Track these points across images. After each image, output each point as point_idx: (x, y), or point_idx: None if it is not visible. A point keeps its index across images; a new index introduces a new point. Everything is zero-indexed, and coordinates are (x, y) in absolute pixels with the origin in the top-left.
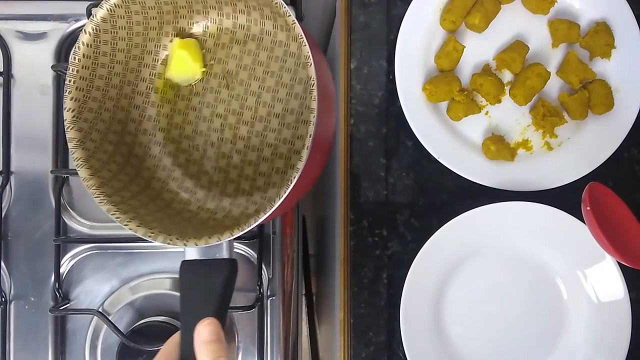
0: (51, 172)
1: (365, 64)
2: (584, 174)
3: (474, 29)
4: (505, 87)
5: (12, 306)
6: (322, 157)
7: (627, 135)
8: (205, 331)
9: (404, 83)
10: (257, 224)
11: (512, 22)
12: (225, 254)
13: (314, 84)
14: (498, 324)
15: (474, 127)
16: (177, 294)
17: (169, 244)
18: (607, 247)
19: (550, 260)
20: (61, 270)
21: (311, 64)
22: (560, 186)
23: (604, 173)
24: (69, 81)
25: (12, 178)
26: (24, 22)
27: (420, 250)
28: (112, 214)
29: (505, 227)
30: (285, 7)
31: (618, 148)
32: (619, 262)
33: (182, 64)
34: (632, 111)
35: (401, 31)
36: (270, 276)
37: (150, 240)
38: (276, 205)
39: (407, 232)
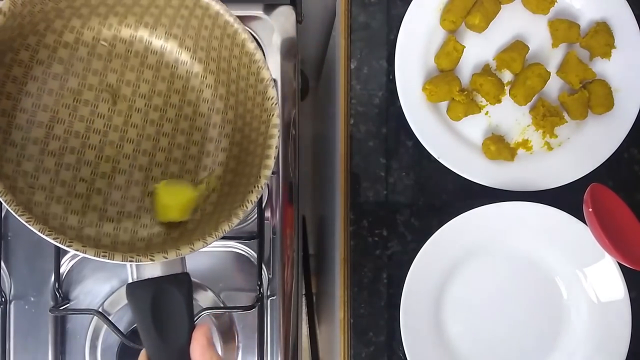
0: None
1: (365, 64)
2: (584, 174)
3: (474, 29)
4: (505, 87)
5: (12, 306)
6: None
7: (627, 135)
8: (204, 338)
9: (404, 83)
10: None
11: (512, 22)
12: (180, 269)
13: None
14: (498, 324)
15: (474, 127)
16: None
17: (130, 261)
18: (609, 248)
19: (550, 260)
20: (61, 270)
21: (273, 93)
22: (560, 186)
23: (603, 173)
24: None
25: None
26: None
27: (420, 250)
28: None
29: (505, 227)
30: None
31: (618, 148)
32: (619, 263)
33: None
34: (632, 111)
35: (401, 31)
36: (270, 276)
37: (108, 261)
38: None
39: (407, 232)
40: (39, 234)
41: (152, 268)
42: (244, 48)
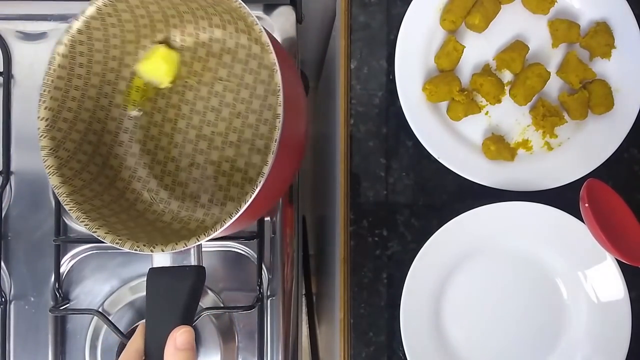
0: None
1: (365, 64)
2: (584, 174)
3: (474, 29)
4: (505, 87)
5: (12, 306)
6: (293, 162)
7: (627, 135)
8: (180, 339)
9: (404, 83)
10: (223, 228)
11: (512, 22)
12: (193, 261)
13: (279, 90)
14: (498, 324)
15: (474, 127)
16: None
17: (136, 250)
18: (606, 244)
19: (550, 260)
20: (61, 270)
21: (277, 70)
22: (560, 186)
23: (603, 173)
24: (44, 90)
25: (12, 178)
26: (24, 22)
27: (420, 250)
28: (81, 221)
29: (505, 227)
30: (253, 17)
31: (618, 148)
32: (619, 262)
33: (156, 67)
34: (632, 111)
35: (401, 31)
36: (270, 276)
37: (118, 247)
38: (243, 209)
39: (407, 232)
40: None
41: (162, 258)
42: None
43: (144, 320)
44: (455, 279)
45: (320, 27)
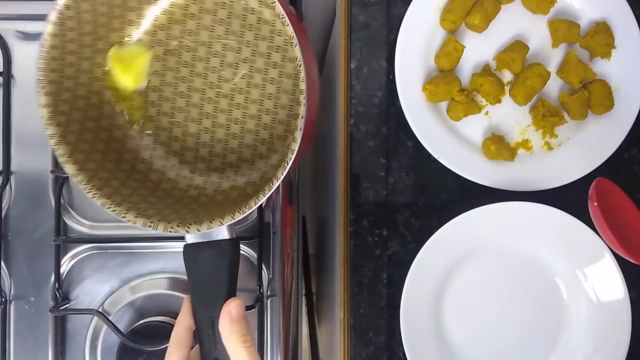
0: (51, 172)
1: (365, 64)
2: (584, 174)
3: (474, 29)
4: (505, 87)
5: (12, 306)
6: (308, 135)
7: (627, 135)
8: (235, 310)
9: (404, 83)
10: (260, 202)
11: (512, 22)
12: (226, 235)
13: (300, 64)
14: (498, 324)
15: (474, 127)
16: (177, 293)
17: (170, 232)
18: (614, 243)
19: (550, 260)
20: (61, 270)
21: (296, 44)
22: (560, 186)
23: (604, 173)
24: (41, 76)
25: (12, 178)
26: (24, 22)
27: (420, 250)
28: (107, 207)
29: (505, 227)
30: None
31: (618, 148)
32: (619, 262)
33: (118, 74)
34: (632, 111)
35: (401, 31)
36: (270, 276)
37: (151, 230)
38: (282, 178)
39: (407, 232)
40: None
41: (193, 234)
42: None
43: (187, 297)
44: (455, 278)
45: (320, 27)
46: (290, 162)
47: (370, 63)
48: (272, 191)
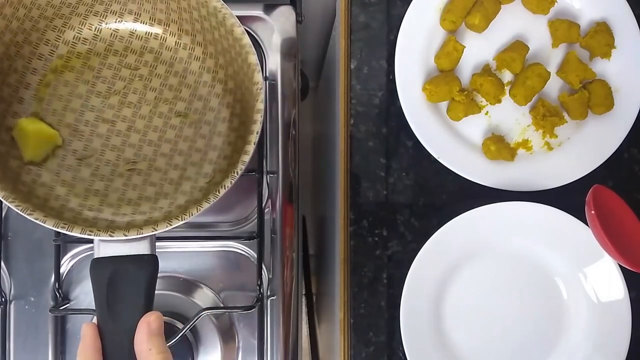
0: None
1: (365, 64)
2: (584, 174)
3: (474, 29)
4: (505, 87)
5: (12, 306)
6: None
7: (627, 135)
8: (155, 323)
9: (404, 83)
10: (199, 213)
11: (512, 22)
12: (147, 250)
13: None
14: (498, 324)
15: (474, 127)
16: (177, 293)
17: (89, 235)
18: (612, 251)
19: (550, 260)
20: (61, 270)
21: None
22: (560, 186)
23: (604, 173)
24: None
25: None
26: None
27: (420, 250)
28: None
29: (505, 227)
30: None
31: (618, 148)
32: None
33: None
34: (632, 111)
35: (401, 31)
36: (270, 276)
37: (66, 232)
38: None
39: (407, 232)
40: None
41: (116, 246)
42: (232, 34)
43: (86, 324)
44: (455, 278)
45: (320, 27)
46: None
47: (370, 63)
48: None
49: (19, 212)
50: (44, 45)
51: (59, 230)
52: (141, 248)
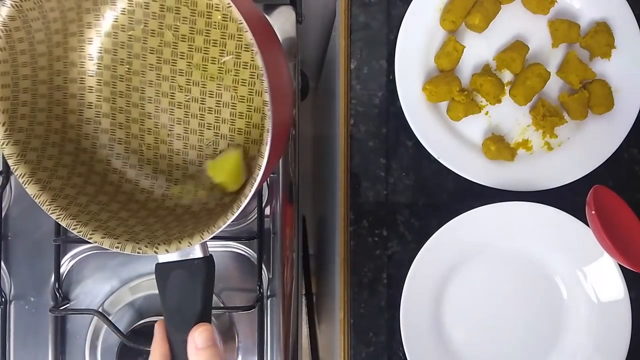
0: None
1: (365, 64)
2: (584, 174)
3: (474, 29)
4: (505, 87)
5: (12, 306)
6: (280, 144)
7: (627, 135)
8: (200, 338)
9: (404, 83)
10: (229, 221)
11: (512, 22)
12: (199, 253)
13: (263, 73)
14: (498, 324)
15: (474, 127)
16: None
17: (138, 253)
18: (612, 251)
19: (550, 260)
20: (61, 270)
21: (257, 52)
22: (560, 186)
23: (604, 173)
24: None
25: (12, 178)
26: None
27: (420, 250)
28: (73, 228)
29: (505, 227)
30: None
31: (618, 148)
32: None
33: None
34: (632, 111)
35: (401, 31)
36: (270, 276)
37: (118, 251)
38: (250, 195)
39: (407, 232)
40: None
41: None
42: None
43: (159, 322)
44: (455, 278)
45: (320, 27)
46: (259, 178)
47: (370, 63)
48: (240, 209)
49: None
50: (87, 29)
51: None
52: (194, 252)
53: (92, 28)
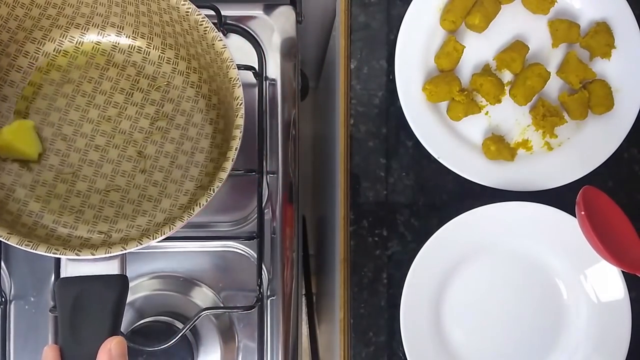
0: None
1: (365, 64)
2: (584, 174)
3: (474, 29)
4: (505, 87)
5: (12, 306)
6: None
7: (627, 135)
8: (116, 349)
9: (404, 83)
10: (167, 234)
11: (512, 22)
12: (117, 270)
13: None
14: (498, 324)
15: (474, 127)
16: (177, 293)
17: (54, 254)
18: (602, 252)
19: (550, 260)
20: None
21: (242, 103)
22: (560, 186)
23: (604, 173)
24: None
25: None
26: None
27: (420, 250)
28: None
29: (505, 227)
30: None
31: (618, 148)
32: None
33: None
34: (632, 111)
35: (401, 31)
36: (270, 276)
37: (30, 250)
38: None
39: (407, 232)
40: None
41: (85, 266)
42: (214, 48)
43: (48, 347)
44: (455, 279)
45: (320, 27)
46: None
47: (370, 63)
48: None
49: None
50: (22, 57)
51: (22, 248)
52: (111, 268)
53: (26, 58)
